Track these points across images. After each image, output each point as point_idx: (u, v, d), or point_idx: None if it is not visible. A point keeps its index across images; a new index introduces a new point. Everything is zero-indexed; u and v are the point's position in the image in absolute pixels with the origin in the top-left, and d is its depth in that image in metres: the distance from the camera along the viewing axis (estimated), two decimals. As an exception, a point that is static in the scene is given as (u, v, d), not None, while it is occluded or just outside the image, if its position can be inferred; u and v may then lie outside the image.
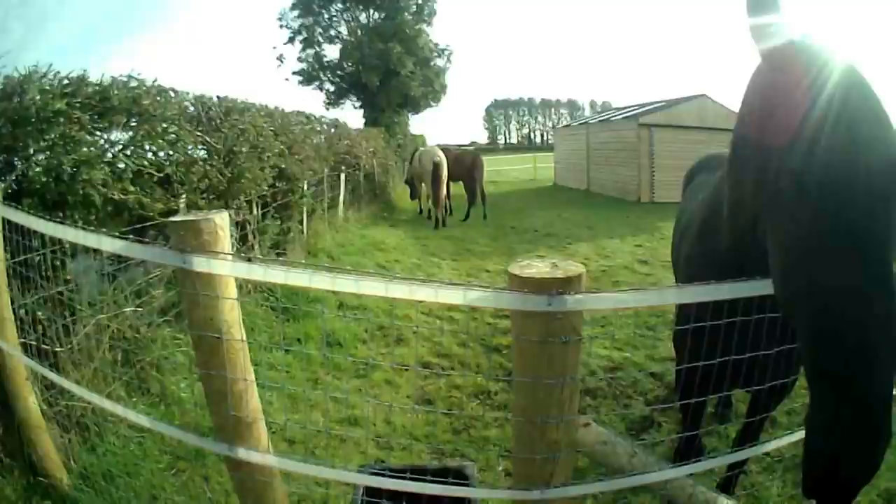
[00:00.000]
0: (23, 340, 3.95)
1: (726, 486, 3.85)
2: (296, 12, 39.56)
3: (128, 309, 5.26)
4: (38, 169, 4.69)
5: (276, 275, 2.39)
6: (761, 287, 2.33)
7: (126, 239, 2.61)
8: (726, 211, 2.88)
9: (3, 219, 3.72)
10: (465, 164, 20.32)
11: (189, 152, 6.51)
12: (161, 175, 5.88)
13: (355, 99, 40.13)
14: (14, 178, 4.64)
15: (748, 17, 2.16)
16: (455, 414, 5.71)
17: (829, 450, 1.77)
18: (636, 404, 6.15)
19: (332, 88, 40.74)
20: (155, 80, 6.19)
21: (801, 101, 1.97)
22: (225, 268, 2.42)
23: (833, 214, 1.82)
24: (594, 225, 18.79)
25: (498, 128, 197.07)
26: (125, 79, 5.73)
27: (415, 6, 39.37)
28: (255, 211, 8.70)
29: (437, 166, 18.67)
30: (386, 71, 37.00)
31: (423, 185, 20.73)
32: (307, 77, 40.67)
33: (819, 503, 1.88)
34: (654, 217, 19.15)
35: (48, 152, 4.77)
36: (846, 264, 1.79)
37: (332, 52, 40.42)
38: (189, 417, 5.15)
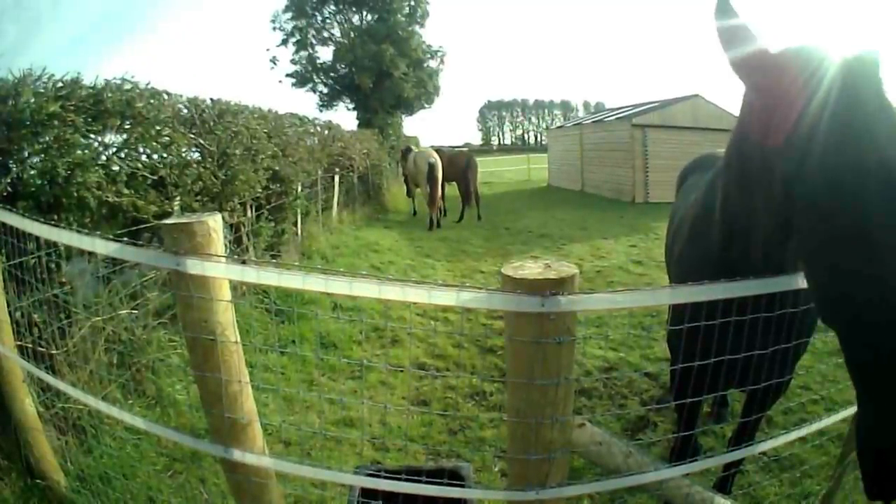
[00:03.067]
0: (19, 343, 3.95)
1: (723, 486, 3.85)
2: (289, 14, 39.43)
3: (123, 311, 5.27)
4: (32, 172, 4.70)
5: (269, 277, 2.40)
6: (755, 287, 2.34)
7: (120, 241, 2.62)
8: (718, 211, 2.89)
9: (-1, 222, 3.73)
10: (458, 165, 20.37)
11: (183, 155, 6.51)
12: (155, 177, 5.88)
13: (348, 101, 40.01)
14: (9, 181, 4.63)
15: (715, 21, 2.17)
16: (450, 415, 5.72)
17: (884, 444, 1.76)
18: (631, 404, 6.17)
19: (325, 90, 40.61)
20: (148, 83, 6.19)
21: (806, 100, 1.98)
22: (218, 270, 2.42)
23: (858, 208, 1.81)
24: (588, 225, 18.79)
25: (492, 129, 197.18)
26: (119, 81, 5.73)
27: (407, 8, 39.27)
28: (249, 213, 8.69)
29: (432, 167, 18.73)
30: (379, 73, 36.91)
31: (416, 186, 20.82)
32: (300, 79, 40.55)
33: (886, 501, 1.87)
34: (649, 217, 19.21)
35: (42, 155, 4.77)
36: (884, 257, 1.77)
37: (325, 54, 40.33)
38: (185, 419, 5.16)
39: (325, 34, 40.14)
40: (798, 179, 1.93)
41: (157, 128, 6.06)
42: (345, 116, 71.10)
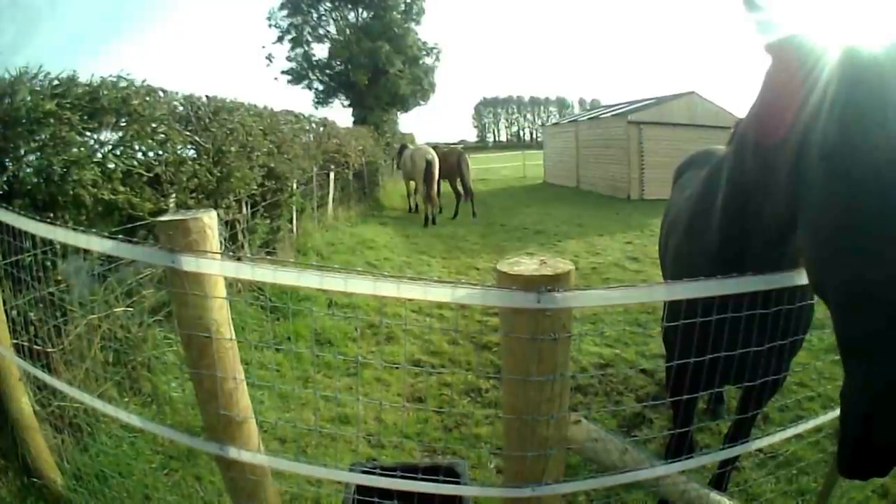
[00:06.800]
0: (15, 341, 3.94)
1: (719, 483, 3.87)
2: (284, 11, 39.51)
3: (119, 309, 5.26)
4: (28, 170, 4.69)
5: (264, 273, 2.40)
6: (752, 283, 2.34)
7: (115, 239, 2.61)
8: (721, 204, 2.89)
9: (-6, 220, 3.72)
10: (450, 161, 20.48)
11: (178, 152, 6.49)
12: (151, 175, 5.87)
13: (344, 98, 40.11)
14: (5, 179, 4.62)
15: (747, 13, 2.20)
16: (446, 411, 5.72)
17: (863, 413, 1.77)
18: (627, 401, 6.18)
19: (320, 87, 40.70)
20: (144, 81, 6.17)
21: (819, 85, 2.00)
22: (213, 267, 2.42)
23: (871, 189, 1.80)
24: (584, 222, 18.83)
25: (487, 126, 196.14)
26: (114, 79, 5.71)
27: (403, 5, 39.36)
28: (244, 210, 8.69)
29: (429, 164, 18.87)
30: (374, 70, 37.00)
31: (411, 182, 20.94)
32: (296, 76, 40.62)
33: (857, 474, 1.87)
34: (644, 214, 19.22)
35: (38, 153, 4.76)
36: (879, 231, 1.77)
37: (320, 51, 40.46)
38: (180, 417, 5.15)
39: (321, 31, 40.25)
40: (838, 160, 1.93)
41: (153, 125, 6.05)
42: (340, 113, 70.88)
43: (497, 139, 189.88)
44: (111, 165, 5.41)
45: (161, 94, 6.66)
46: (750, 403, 3.53)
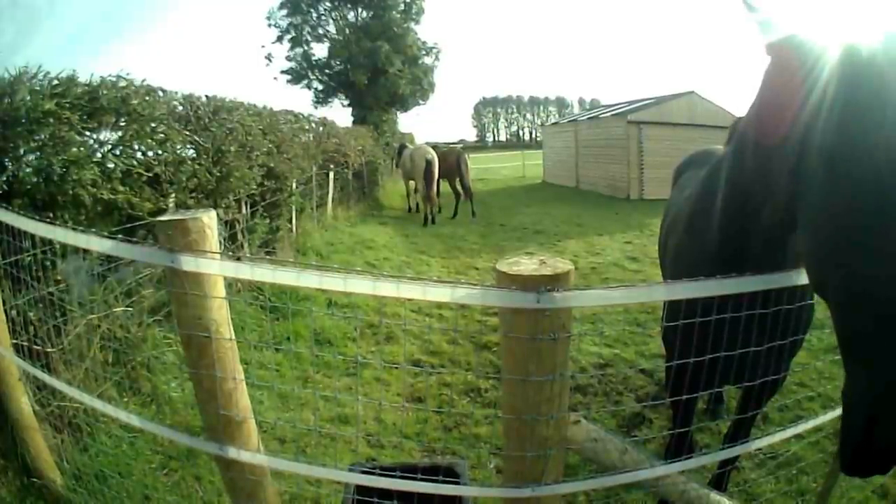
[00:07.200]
0: (15, 341, 3.93)
1: (719, 483, 3.87)
2: (284, 11, 39.42)
3: (118, 309, 5.25)
4: (28, 169, 4.68)
5: (263, 273, 2.40)
6: (751, 283, 2.34)
7: (115, 239, 2.60)
8: (721, 204, 2.89)
9: (-6, 220, 3.71)
10: (450, 161, 20.49)
11: (178, 152, 6.48)
12: (150, 174, 5.86)
13: (343, 97, 40.02)
14: (5, 179, 4.62)
15: (747, 14, 2.21)
16: (445, 411, 5.72)
17: (864, 413, 1.78)
18: (627, 401, 6.17)
19: (320, 87, 40.62)
20: (143, 80, 6.17)
21: (820, 81, 2.00)
22: (213, 267, 2.42)
23: (868, 188, 1.80)
24: (583, 222, 18.82)
25: (487, 125, 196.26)
26: (114, 79, 5.70)
27: (402, 4, 39.27)
28: (243, 210, 8.68)
29: (429, 164, 18.90)
30: (374, 69, 36.91)
31: (411, 182, 20.97)
32: (295, 76, 40.55)
33: (858, 473, 1.88)
34: (644, 214, 19.22)
35: (38, 153, 4.75)
36: (878, 230, 1.77)
37: (320, 50, 40.36)
38: (180, 417, 5.15)
39: (321, 31, 40.18)
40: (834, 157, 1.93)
41: (153, 125, 6.04)
42: (340, 113, 70.87)
43: (497, 139, 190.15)
44: (111, 165, 5.40)
45: (160, 93, 6.66)
46: (750, 403, 3.53)
